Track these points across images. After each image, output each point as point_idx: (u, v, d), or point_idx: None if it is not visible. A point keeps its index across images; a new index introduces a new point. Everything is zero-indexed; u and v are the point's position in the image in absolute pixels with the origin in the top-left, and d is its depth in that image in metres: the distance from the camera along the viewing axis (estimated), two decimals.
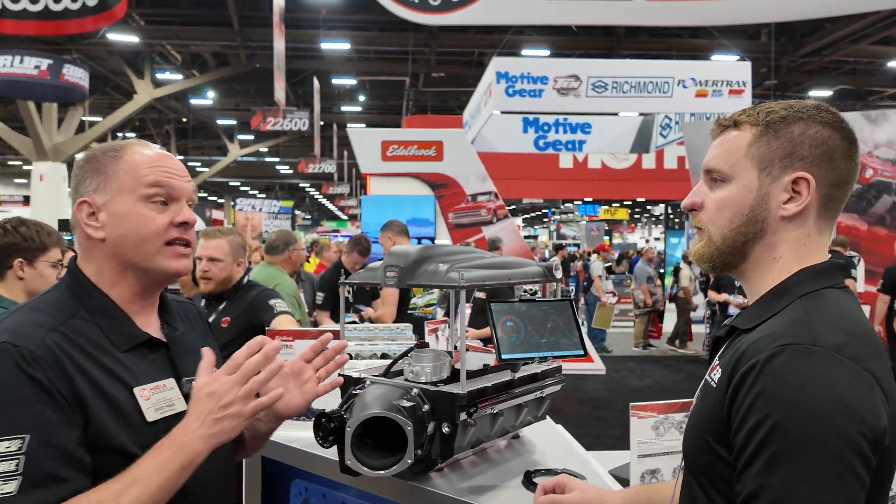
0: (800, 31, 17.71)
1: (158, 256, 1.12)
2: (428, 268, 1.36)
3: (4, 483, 0.92)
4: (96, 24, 12.57)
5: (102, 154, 1.14)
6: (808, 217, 0.95)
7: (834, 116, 0.96)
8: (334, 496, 1.49)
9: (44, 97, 16.35)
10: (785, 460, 0.78)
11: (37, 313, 1.06)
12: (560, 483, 1.20)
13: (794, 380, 0.80)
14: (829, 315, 0.87)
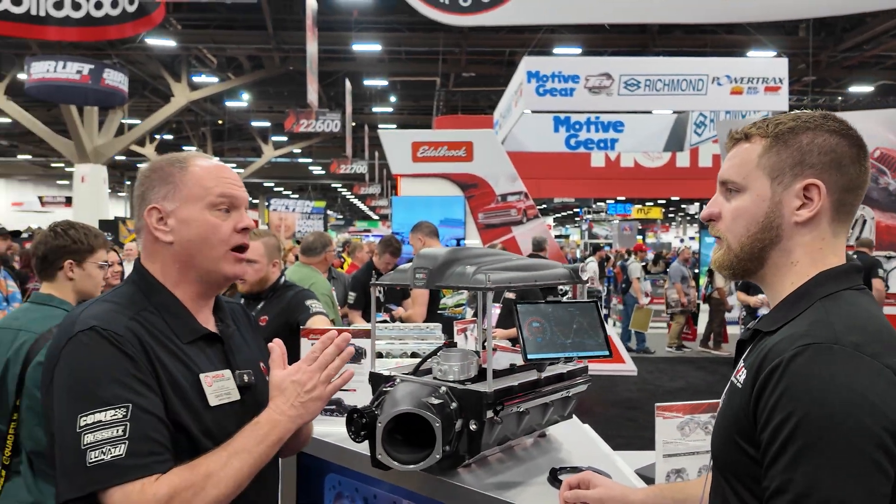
0: (840, 26, 17.28)
1: (222, 261, 1.24)
2: (456, 270, 1.40)
3: (114, 447, 1.03)
4: (136, 30, 12.91)
5: (169, 165, 1.25)
6: (821, 222, 0.98)
7: (841, 125, 1.00)
8: (366, 490, 1.54)
9: (85, 101, 16.82)
10: (809, 455, 0.80)
11: (113, 305, 1.17)
12: (584, 479, 1.23)
13: (816, 377, 0.83)
14: (848, 315, 0.90)
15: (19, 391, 1.90)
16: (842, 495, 0.79)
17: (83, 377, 1.07)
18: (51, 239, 2.03)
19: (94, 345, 1.09)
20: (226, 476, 1.07)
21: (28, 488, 1.89)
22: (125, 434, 1.04)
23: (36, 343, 1.91)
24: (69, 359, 1.09)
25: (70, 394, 1.07)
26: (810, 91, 20.13)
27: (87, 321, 1.12)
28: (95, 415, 1.04)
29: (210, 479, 1.06)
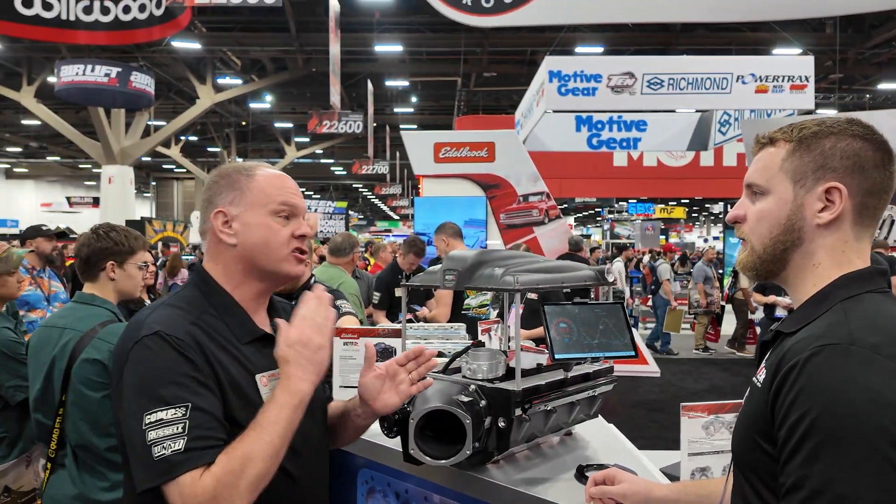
0: (868, 22, 16.98)
1: (283, 262, 1.31)
2: (484, 272, 1.44)
3: (173, 442, 1.11)
4: (163, 33, 13.14)
5: (236, 172, 1.34)
6: (843, 225, 1.00)
7: (865, 129, 1.02)
8: (398, 485, 1.59)
9: (113, 103, 17.13)
10: (824, 452, 0.82)
11: (176, 309, 1.25)
12: (610, 475, 1.26)
13: (831, 377, 0.85)
14: (868, 317, 0.92)
15: (65, 387, 1.98)
16: (856, 493, 0.80)
17: (148, 378, 1.16)
18: (93, 241, 2.11)
19: (158, 349, 1.17)
20: (261, 452, 1.13)
21: (73, 480, 1.97)
22: (184, 431, 1.12)
23: (81, 341, 1.99)
24: (136, 360, 1.17)
25: (137, 393, 1.16)
26: (837, 89, 19.80)
27: (153, 326, 1.20)
28: (158, 413, 1.12)
29: (247, 460, 1.12)
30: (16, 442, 2.42)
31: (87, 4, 12.15)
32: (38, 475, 2.45)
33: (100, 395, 1.97)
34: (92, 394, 1.97)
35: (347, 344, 1.88)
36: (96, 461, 1.98)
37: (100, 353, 1.98)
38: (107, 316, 2.08)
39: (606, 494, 1.25)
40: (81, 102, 17.72)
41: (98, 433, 1.97)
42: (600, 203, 28.46)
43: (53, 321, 2.10)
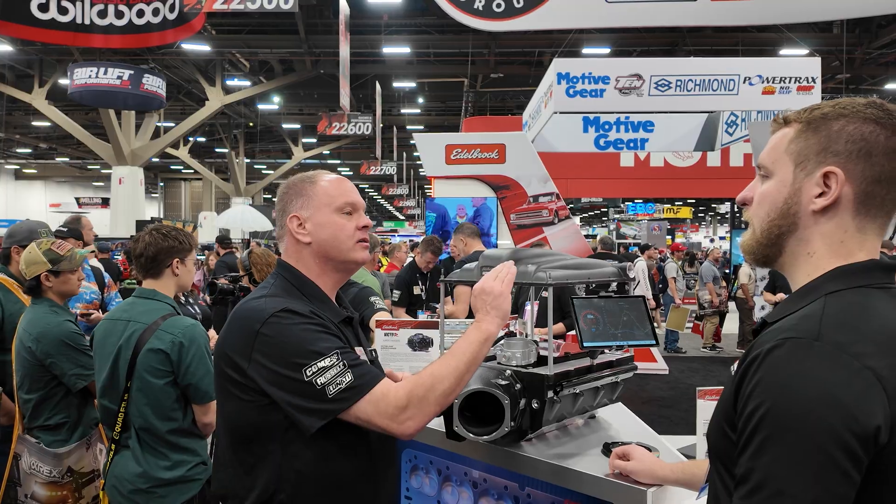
0: (875, 22, 17.04)
1: (351, 251, 1.51)
2: (518, 268, 1.59)
3: (343, 377, 1.31)
4: (176, 37, 13.32)
5: (301, 182, 1.55)
6: (842, 213, 0.95)
7: (884, 113, 0.94)
8: (440, 462, 1.74)
9: (125, 105, 17.35)
10: (770, 447, 0.81)
11: (279, 297, 1.43)
12: (627, 451, 1.42)
13: (788, 371, 0.83)
14: (845, 313, 0.88)
15: (130, 375, 2.15)
16: (795, 490, 0.79)
17: (291, 343, 1.33)
18: (160, 241, 2.29)
19: (290, 321, 1.36)
20: (447, 372, 1.33)
21: (137, 460, 2.15)
22: (346, 367, 1.32)
23: (144, 333, 2.17)
24: (271, 334, 1.34)
25: (283, 358, 1.33)
26: (844, 89, 19.83)
27: (277, 305, 1.38)
28: (317, 363, 1.32)
29: (434, 378, 1.32)
30: (76, 427, 2.59)
31: (102, 8, 12.34)
32: (97, 458, 2.62)
33: (162, 381, 2.14)
34: (155, 381, 2.14)
35: (388, 335, 2.03)
36: (158, 443, 2.15)
37: (163, 344, 2.15)
38: (167, 310, 2.26)
39: (619, 469, 1.40)
40: (94, 105, 17.94)
41: (160, 417, 2.15)
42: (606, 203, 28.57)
43: (118, 315, 2.28)
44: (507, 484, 1.59)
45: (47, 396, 2.56)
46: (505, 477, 1.59)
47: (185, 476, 2.17)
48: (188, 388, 2.17)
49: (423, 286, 4.93)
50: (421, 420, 1.32)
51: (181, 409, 2.19)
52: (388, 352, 2.05)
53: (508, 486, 1.59)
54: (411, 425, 1.31)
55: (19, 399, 2.63)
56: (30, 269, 2.62)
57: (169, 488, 2.14)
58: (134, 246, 2.30)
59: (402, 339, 2.05)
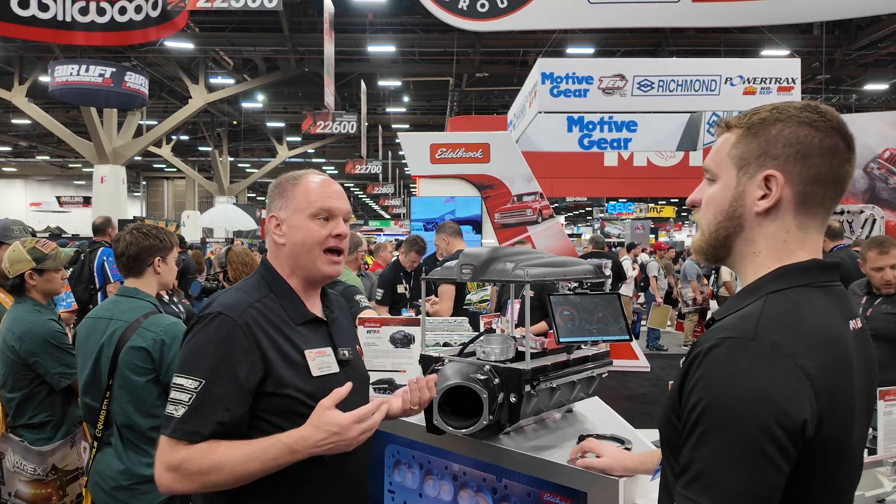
0: (854, 24, 17.29)
1: (318, 261, 1.50)
2: (497, 266, 1.63)
3: (179, 407, 1.32)
4: (159, 34, 13.22)
5: (286, 181, 1.55)
6: (784, 213, 0.99)
7: (818, 116, 0.99)
8: (421, 457, 1.78)
9: (107, 104, 17.15)
10: (708, 440, 0.87)
11: (242, 293, 1.46)
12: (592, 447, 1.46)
13: (725, 369, 0.88)
14: (783, 312, 0.93)
15: (112, 372, 2.17)
16: (728, 481, 0.84)
17: (193, 348, 1.37)
18: (141, 240, 2.31)
19: (212, 327, 1.38)
20: (230, 472, 1.30)
21: (119, 457, 2.17)
22: (188, 402, 1.32)
23: (126, 330, 2.19)
24: (194, 333, 1.39)
25: (180, 357, 1.39)
26: (824, 90, 20.12)
27: (217, 307, 1.41)
28: (182, 378, 1.34)
29: (215, 469, 1.30)
30: (60, 425, 2.61)
31: (84, 5, 12.22)
32: (81, 455, 2.64)
33: (144, 379, 2.17)
34: (137, 378, 2.16)
35: (371, 332, 2.07)
36: (140, 439, 2.18)
37: (144, 342, 2.18)
38: (149, 308, 2.28)
39: (592, 467, 1.44)
40: (75, 102, 17.73)
41: (142, 414, 2.17)
42: (590, 202, 28.74)
43: (100, 313, 2.29)
44: (485, 476, 1.64)
45: (31, 395, 2.57)
46: (483, 469, 1.63)
47: None
48: (170, 385, 2.19)
49: (408, 285, 4.97)
50: (178, 488, 1.31)
51: (163, 407, 2.20)
52: (371, 349, 2.08)
53: (487, 479, 1.64)
54: (167, 485, 1.32)
55: (2, 398, 2.64)
56: (14, 267, 2.62)
57: (151, 485, 2.16)
58: (115, 245, 2.32)
59: (385, 337, 2.09)
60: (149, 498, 2.16)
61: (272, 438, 1.32)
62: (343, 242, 1.52)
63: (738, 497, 0.85)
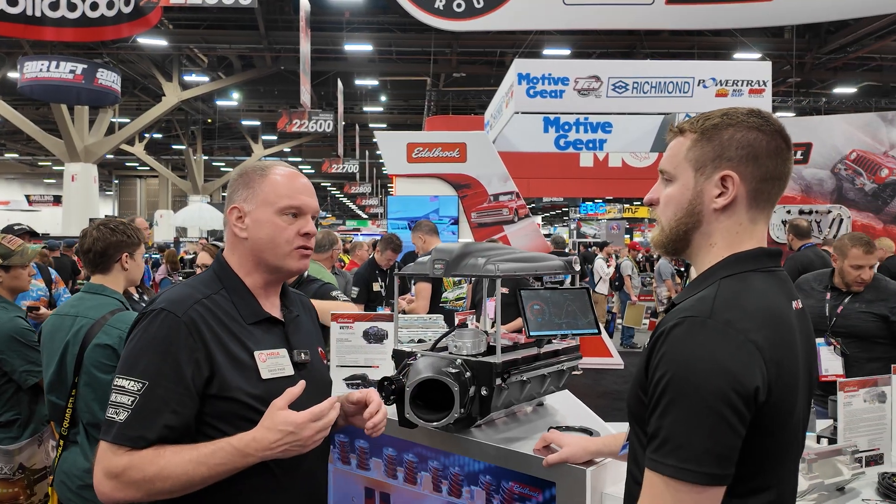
0: (824, 28, 17.66)
1: (287, 258, 1.43)
2: (469, 261, 1.65)
3: (121, 412, 1.24)
4: (131, 31, 13.04)
5: (252, 171, 1.46)
6: (738, 209, 1.11)
7: (763, 121, 1.12)
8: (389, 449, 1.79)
9: (78, 101, 16.86)
10: (673, 408, 0.97)
11: (189, 288, 1.39)
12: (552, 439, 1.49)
13: (686, 345, 0.99)
14: (735, 294, 1.04)
15: (77, 370, 2.15)
16: (691, 443, 0.95)
17: (135, 347, 1.30)
18: (109, 235, 2.28)
19: (154, 325, 1.30)
20: (176, 479, 1.22)
21: (85, 455, 2.15)
22: (131, 405, 1.25)
23: (92, 328, 2.16)
24: (136, 331, 1.33)
25: (122, 358, 1.31)
26: (794, 93, 20.50)
27: (161, 303, 1.33)
28: (123, 380, 1.27)
29: (160, 476, 1.22)
30: (28, 423, 2.57)
31: (54, 0, 12.00)
32: (49, 455, 2.60)
33: (110, 377, 2.13)
34: (103, 376, 2.14)
35: (344, 328, 2.08)
36: None
37: (110, 339, 2.16)
38: (115, 305, 2.26)
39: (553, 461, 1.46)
40: (45, 99, 17.39)
41: None
42: (567, 203, 28.93)
43: (66, 310, 2.26)
44: (456, 469, 1.66)
45: None
46: (454, 463, 1.65)
47: None
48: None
49: (383, 283, 4.97)
50: (119, 497, 1.23)
51: None
52: (344, 345, 2.09)
53: (458, 472, 1.65)
54: (107, 493, 1.23)
55: None
56: None
57: None
58: (82, 241, 2.28)
59: (358, 332, 2.10)
60: None
61: (221, 442, 1.25)
62: (311, 241, 1.46)
63: (701, 457, 0.95)
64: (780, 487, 1.09)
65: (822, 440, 2.06)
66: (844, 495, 1.80)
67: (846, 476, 1.79)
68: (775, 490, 1.07)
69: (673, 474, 0.96)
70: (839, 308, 3.27)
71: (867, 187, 8.29)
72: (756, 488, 1.04)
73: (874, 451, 1.94)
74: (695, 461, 0.95)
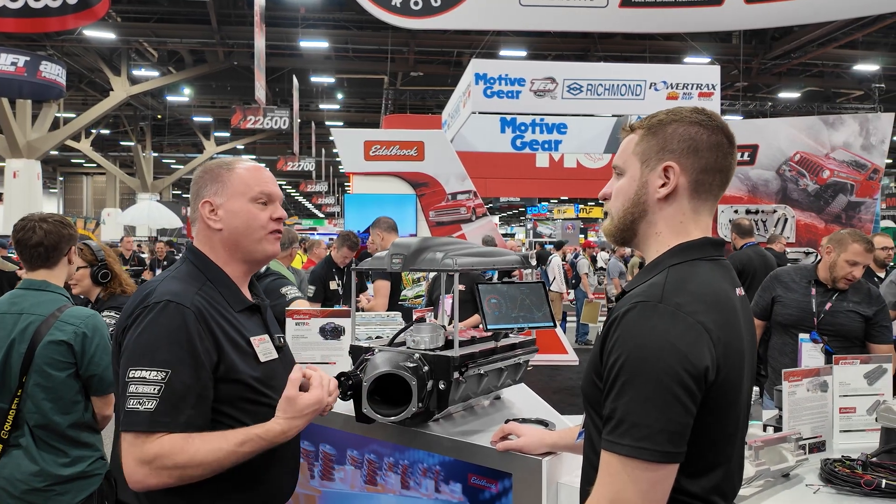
0: (770, 35, 18.27)
1: (262, 242, 1.51)
2: (427, 255, 1.65)
3: (147, 401, 1.28)
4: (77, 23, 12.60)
5: (218, 167, 1.53)
6: (680, 198, 1.17)
7: (705, 117, 1.18)
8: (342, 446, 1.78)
9: (20, 94, 16.21)
10: (627, 388, 1.01)
11: (181, 282, 1.43)
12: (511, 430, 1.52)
13: (638, 328, 1.03)
14: (683, 280, 1.09)
15: (25, 369, 2.06)
16: (646, 421, 0.99)
17: (144, 338, 1.33)
18: (60, 228, 2.20)
19: (163, 316, 1.33)
20: (207, 465, 1.29)
21: (32, 458, 2.06)
22: (157, 393, 1.29)
23: (42, 325, 2.08)
24: (141, 322, 1.34)
25: (132, 350, 1.33)
26: (742, 97, 21.17)
27: (163, 295, 1.37)
28: (143, 371, 1.30)
29: (192, 464, 1.28)
30: None
31: None
32: None
33: (65, 374, 2.08)
34: (57, 374, 2.07)
35: (299, 324, 2.05)
36: (57, 439, 2.08)
37: (65, 335, 2.08)
38: (63, 301, 2.18)
39: (511, 448, 1.50)
40: None
41: (61, 411, 2.08)
42: (524, 203, 29.24)
43: (6, 308, 2.15)
44: (412, 463, 1.66)
45: None
46: (409, 457, 1.65)
47: (84, 472, 2.11)
48: (91, 379, 2.11)
49: (340, 281, 4.92)
50: (152, 483, 1.28)
51: (83, 402, 2.13)
52: (300, 341, 2.06)
53: (413, 466, 1.65)
54: (140, 480, 1.28)
55: None
56: None
57: (68, 485, 2.08)
58: (28, 236, 2.18)
59: (314, 328, 2.08)
60: (66, 499, 2.06)
61: (248, 433, 1.33)
62: (282, 226, 1.55)
63: (655, 435, 0.99)
64: (729, 465, 1.13)
65: (769, 428, 2.13)
66: (789, 481, 1.87)
67: (791, 462, 1.85)
68: (725, 468, 1.12)
69: (628, 453, 1.00)
70: (827, 305, 3.13)
71: (810, 188, 8.61)
72: (707, 466, 1.09)
73: (817, 438, 2.01)
74: (650, 440, 0.99)
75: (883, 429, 1.99)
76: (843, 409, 2.13)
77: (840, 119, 8.74)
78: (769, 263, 5.32)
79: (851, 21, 14.74)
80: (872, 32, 16.63)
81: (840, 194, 8.45)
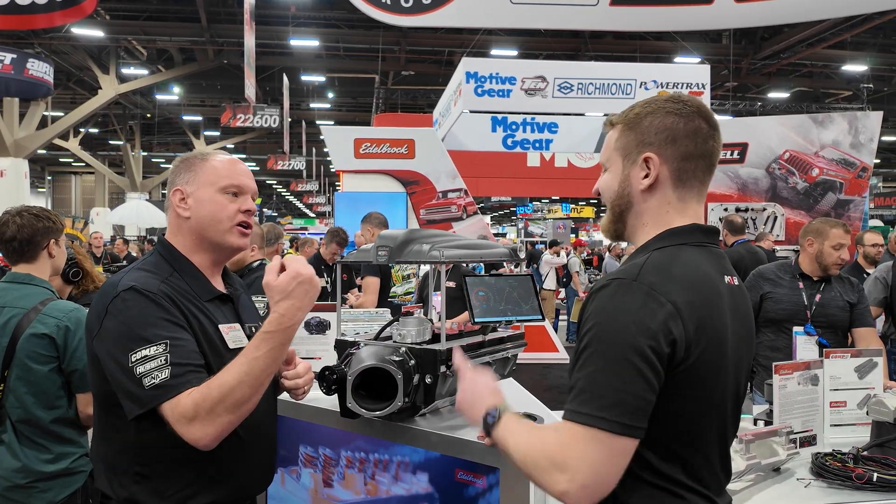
0: (759, 35, 18.36)
1: (228, 234, 1.50)
2: (413, 248, 1.63)
3: (160, 372, 1.30)
4: (64, 19, 12.50)
5: (193, 157, 1.55)
6: (664, 188, 1.20)
7: (681, 105, 1.19)
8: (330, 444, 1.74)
9: (7, 92, 16.06)
10: (592, 360, 1.05)
11: (145, 272, 1.44)
12: None
13: (610, 303, 1.07)
14: (662, 262, 1.12)
15: (7, 363, 2.02)
16: (605, 391, 1.02)
17: (127, 324, 1.34)
18: (35, 222, 2.16)
19: (134, 300, 1.35)
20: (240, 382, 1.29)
21: (14, 454, 2.03)
22: (167, 362, 1.31)
23: (24, 318, 2.04)
24: (115, 312, 1.35)
25: (119, 338, 1.34)
26: (731, 96, 21.25)
27: (127, 283, 1.38)
28: (142, 351, 1.31)
29: (227, 388, 1.28)
30: None
31: None
32: None
33: (47, 368, 2.04)
34: (39, 367, 2.04)
35: None
36: (39, 434, 2.05)
37: (47, 328, 2.05)
38: (46, 294, 2.15)
39: None
40: None
41: (44, 406, 2.04)
42: (515, 202, 29.25)
43: None
44: (398, 459, 1.63)
45: None
46: (396, 452, 1.62)
47: (68, 469, 2.07)
48: (73, 374, 2.08)
49: (329, 278, 4.88)
50: (211, 431, 1.29)
51: (66, 398, 2.10)
52: None
53: (399, 462, 1.62)
54: (201, 436, 1.29)
55: None
56: None
57: (51, 482, 2.04)
58: (3, 230, 2.14)
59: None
60: (49, 496, 2.03)
61: (254, 339, 1.33)
62: (251, 219, 1.53)
63: (615, 406, 1.02)
64: (709, 452, 1.13)
65: (759, 422, 2.12)
66: (780, 475, 1.85)
67: (782, 456, 1.84)
68: (703, 454, 1.12)
69: (587, 422, 1.02)
70: (817, 297, 3.15)
71: (799, 186, 8.65)
72: (682, 449, 1.10)
73: (808, 432, 2.00)
74: (608, 409, 1.01)
75: (874, 422, 1.98)
76: (834, 403, 2.12)
77: (829, 117, 8.79)
78: (760, 260, 5.33)
79: (840, 21, 14.82)
80: (861, 33, 16.73)
81: (829, 192, 8.49)
